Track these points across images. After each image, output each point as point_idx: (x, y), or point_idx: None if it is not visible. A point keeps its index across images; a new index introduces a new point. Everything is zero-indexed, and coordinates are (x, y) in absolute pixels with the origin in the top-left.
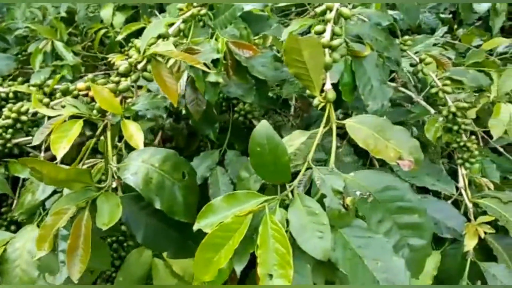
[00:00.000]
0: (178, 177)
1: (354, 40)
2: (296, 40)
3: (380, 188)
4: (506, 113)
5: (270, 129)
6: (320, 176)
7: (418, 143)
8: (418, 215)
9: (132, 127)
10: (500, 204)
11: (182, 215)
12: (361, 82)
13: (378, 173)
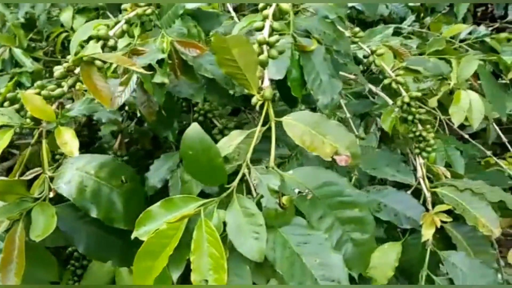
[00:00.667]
0: (116, 183)
1: (303, 35)
2: (223, 40)
3: (319, 184)
4: (466, 100)
5: (201, 132)
6: (257, 175)
7: (354, 137)
8: (359, 209)
9: (67, 134)
10: (457, 192)
11: (121, 222)
12: (309, 77)
13: (317, 169)
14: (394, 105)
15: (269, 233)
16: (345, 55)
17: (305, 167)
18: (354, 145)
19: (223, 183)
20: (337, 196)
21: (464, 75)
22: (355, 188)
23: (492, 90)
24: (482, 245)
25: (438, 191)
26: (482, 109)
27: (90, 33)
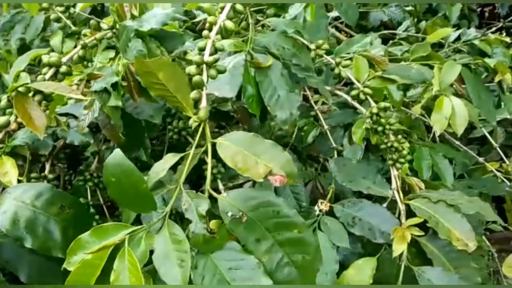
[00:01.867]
0: (54, 212)
1: (262, 51)
2: (145, 64)
3: (254, 205)
4: (449, 106)
5: (122, 159)
6: (188, 200)
7: (289, 156)
8: (298, 230)
9: (8, 164)
10: (430, 204)
11: (59, 250)
12: (266, 93)
13: (252, 190)
14: (364, 116)
15: (200, 259)
16: (306, 69)
17: (240, 188)
18: (289, 164)
19: (153, 209)
20: (274, 218)
21: (446, 81)
22: (292, 208)
23: (478, 94)
24: (463, 259)
25: (411, 203)
26: (466, 114)
27: (25, 64)
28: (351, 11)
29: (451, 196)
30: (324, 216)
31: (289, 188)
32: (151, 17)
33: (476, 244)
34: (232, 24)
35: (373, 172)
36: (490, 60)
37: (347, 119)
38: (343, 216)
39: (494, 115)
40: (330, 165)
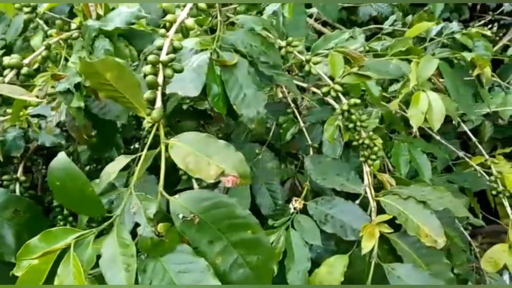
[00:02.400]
0: (7, 216)
1: (230, 49)
2: (90, 65)
3: (207, 207)
4: (425, 101)
5: (67, 162)
6: (137, 203)
7: (242, 156)
8: (252, 231)
9: None
10: (400, 201)
11: (11, 255)
12: (232, 92)
13: (205, 192)
14: (336, 113)
15: (149, 263)
16: (274, 66)
17: (193, 190)
18: (242, 164)
19: (101, 213)
20: (227, 219)
21: (423, 75)
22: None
23: (457, 89)
24: (434, 255)
25: (382, 200)
26: (443, 109)
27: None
28: (330, 6)
29: (422, 192)
30: (298, 214)
31: (265, 186)
32: (115, 16)
33: (445, 240)
34: (193, 23)
35: (347, 169)
36: (467, 54)
37: (326, 116)
38: (316, 213)
39: (473, 109)
40: (305, 163)
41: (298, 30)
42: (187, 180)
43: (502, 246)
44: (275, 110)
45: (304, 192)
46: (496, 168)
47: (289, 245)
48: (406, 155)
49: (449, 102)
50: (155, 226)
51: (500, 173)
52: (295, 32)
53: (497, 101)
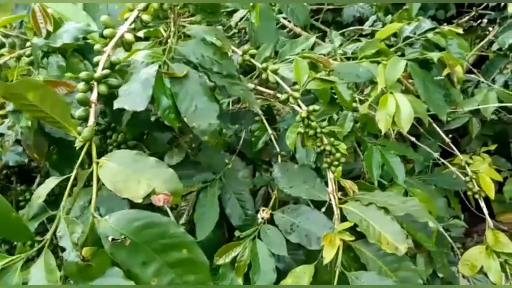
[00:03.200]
0: None
1: (183, 60)
2: (10, 86)
3: (138, 227)
4: (392, 104)
5: None
6: (63, 226)
7: (174, 173)
8: (187, 249)
9: None
10: (362, 207)
11: None
12: (183, 104)
13: (136, 211)
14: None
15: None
16: (229, 76)
17: (123, 210)
18: (174, 182)
19: (28, 238)
20: (161, 239)
21: (391, 78)
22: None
23: (426, 89)
24: (401, 260)
25: (344, 207)
26: (411, 111)
27: None
28: (298, 10)
29: (385, 197)
30: (265, 224)
31: (235, 196)
32: (63, 32)
33: (406, 247)
34: (132, 37)
35: (314, 176)
36: (434, 54)
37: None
38: (282, 223)
39: (444, 109)
40: (273, 171)
41: (269, 36)
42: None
43: (479, 248)
44: (243, 119)
45: (272, 201)
46: (471, 168)
47: (255, 257)
48: (378, 158)
49: (419, 104)
50: (80, 251)
51: (475, 173)
52: (265, 38)
53: (479, 99)
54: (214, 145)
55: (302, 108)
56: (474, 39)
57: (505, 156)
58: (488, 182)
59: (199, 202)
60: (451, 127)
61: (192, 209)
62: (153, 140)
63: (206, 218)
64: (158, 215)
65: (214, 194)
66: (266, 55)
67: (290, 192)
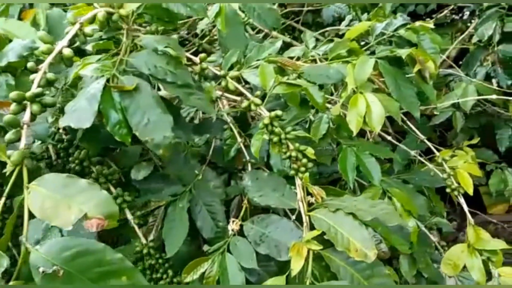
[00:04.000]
0: None
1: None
2: None
3: (71, 256)
4: (362, 104)
5: None
6: None
7: (107, 195)
8: (127, 276)
9: None
10: (329, 214)
11: None
12: (133, 118)
13: (67, 239)
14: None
15: None
16: (184, 85)
17: (56, 238)
18: (108, 204)
19: None
20: (96, 267)
21: (360, 77)
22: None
23: (398, 87)
24: (374, 266)
25: (312, 214)
26: (382, 111)
27: None
28: (266, 14)
29: (354, 202)
30: (235, 236)
31: (206, 208)
32: (9, 50)
33: (376, 253)
34: (70, 52)
35: (283, 184)
36: (403, 51)
37: None
38: (252, 234)
39: (417, 106)
40: (244, 179)
41: (237, 41)
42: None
43: (461, 247)
44: (212, 128)
45: (243, 211)
46: (449, 165)
47: (224, 271)
48: (353, 160)
49: (390, 102)
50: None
51: (453, 169)
52: (234, 43)
53: (459, 93)
54: (184, 156)
55: (265, 114)
56: (455, 32)
57: (492, 148)
58: (466, 178)
59: (167, 217)
60: (435, 122)
61: (161, 224)
62: (123, 154)
63: (175, 233)
64: (92, 241)
65: (183, 207)
66: (233, 61)
67: (259, 200)
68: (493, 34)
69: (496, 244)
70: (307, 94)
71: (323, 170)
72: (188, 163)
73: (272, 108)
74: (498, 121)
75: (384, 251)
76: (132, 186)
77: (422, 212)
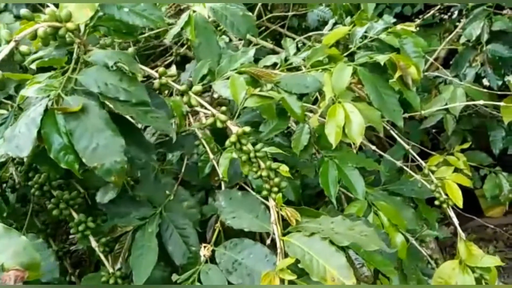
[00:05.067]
0: None
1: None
2: None
3: None
4: (341, 115)
5: None
6: None
7: (27, 242)
8: None
9: None
10: (304, 239)
11: None
12: (79, 143)
13: None
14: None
15: None
16: (140, 103)
17: None
18: (28, 252)
19: None
20: None
21: (338, 86)
22: None
23: (379, 95)
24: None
25: (285, 239)
26: (362, 121)
27: None
28: (238, 21)
29: (331, 224)
30: (206, 263)
31: (177, 232)
32: None
33: (354, 282)
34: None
35: (258, 204)
36: (381, 57)
37: None
38: (224, 261)
39: (399, 115)
40: (217, 199)
41: (210, 52)
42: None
43: (452, 263)
44: (183, 145)
45: (215, 235)
46: (437, 175)
47: None
48: (335, 173)
49: (371, 111)
50: None
51: (440, 179)
52: (206, 54)
53: (447, 96)
54: (154, 175)
55: (233, 130)
56: (444, 32)
57: (486, 150)
58: (455, 189)
59: (135, 243)
60: (426, 125)
61: (128, 252)
62: (89, 175)
63: (144, 260)
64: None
65: (152, 232)
66: (204, 72)
67: (232, 223)
68: (481, 34)
69: (489, 261)
70: (284, 105)
71: (310, 182)
72: (159, 182)
73: (249, 120)
74: (491, 122)
75: (367, 275)
76: (99, 210)
77: (411, 225)
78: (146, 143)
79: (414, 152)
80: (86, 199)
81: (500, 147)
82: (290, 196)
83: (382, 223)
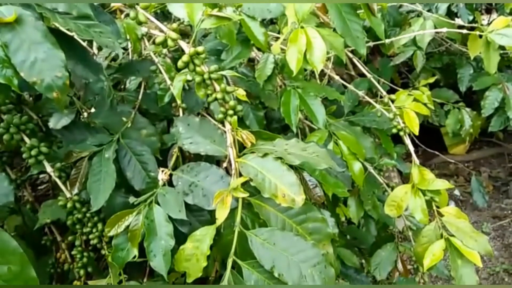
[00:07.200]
0: None
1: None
2: None
3: None
4: (303, 40)
5: None
6: None
7: None
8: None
9: None
10: (257, 159)
11: None
12: (17, 57)
13: None
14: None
15: None
16: (82, 17)
17: None
18: None
19: None
20: None
21: (301, 10)
22: None
23: (343, 21)
24: (307, 211)
25: (240, 160)
26: (324, 47)
27: None
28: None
29: (285, 146)
30: (164, 186)
31: (136, 158)
32: None
33: (303, 198)
34: None
35: (215, 129)
36: None
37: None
38: (181, 184)
39: (362, 42)
40: (175, 126)
41: None
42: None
43: (405, 187)
44: (137, 69)
45: (173, 160)
46: (396, 105)
47: (151, 224)
48: (296, 102)
49: (335, 38)
50: None
51: (399, 108)
52: None
53: (416, 29)
54: (110, 102)
55: (185, 50)
56: None
57: (454, 88)
58: (412, 117)
59: (92, 169)
60: (396, 61)
61: (85, 177)
62: (45, 101)
63: (101, 185)
64: None
65: (109, 158)
66: None
67: (189, 148)
68: None
69: (439, 184)
70: (245, 30)
71: (276, 116)
72: (115, 109)
73: (213, 48)
74: (460, 60)
75: (320, 195)
76: (54, 137)
77: (369, 154)
78: (94, 62)
79: (384, 90)
80: (40, 126)
81: (466, 85)
82: (254, 127)
83: (341, 152)
